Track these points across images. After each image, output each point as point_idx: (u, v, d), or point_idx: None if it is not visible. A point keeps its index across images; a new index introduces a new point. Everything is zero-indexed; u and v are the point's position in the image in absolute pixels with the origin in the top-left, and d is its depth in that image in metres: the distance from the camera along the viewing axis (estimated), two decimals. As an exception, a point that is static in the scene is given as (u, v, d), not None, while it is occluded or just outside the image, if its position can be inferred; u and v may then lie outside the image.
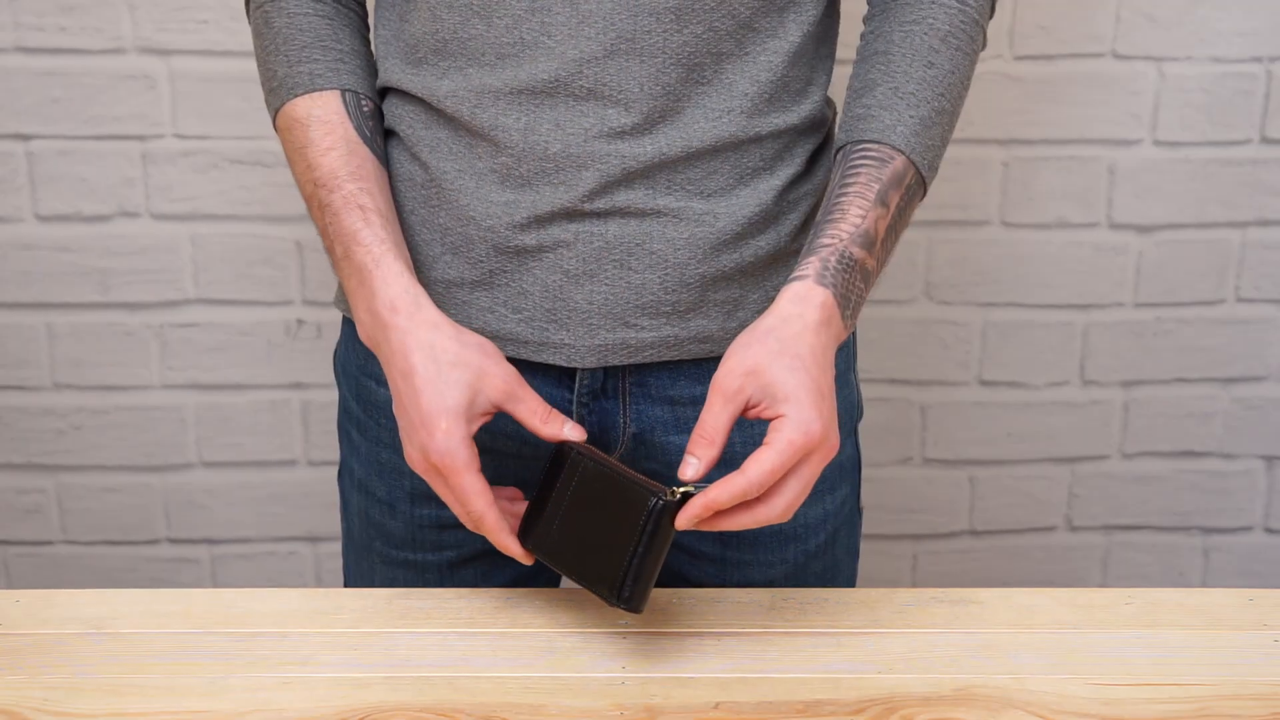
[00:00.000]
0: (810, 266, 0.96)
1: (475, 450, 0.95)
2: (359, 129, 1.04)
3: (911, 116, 1.00)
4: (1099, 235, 1.74)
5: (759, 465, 0.89)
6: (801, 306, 0.94)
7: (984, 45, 1.06)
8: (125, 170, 1.66)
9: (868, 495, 1.61)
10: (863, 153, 0.99)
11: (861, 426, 1.19)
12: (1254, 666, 0.94)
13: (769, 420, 0.91)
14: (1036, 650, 0.96)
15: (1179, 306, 1.78)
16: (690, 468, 0.91)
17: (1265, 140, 1.71)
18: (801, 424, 0.90)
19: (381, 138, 1.07)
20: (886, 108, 1.00)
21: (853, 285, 0.97)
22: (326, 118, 1.03)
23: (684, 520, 0.90)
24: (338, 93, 1.04)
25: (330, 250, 1.02)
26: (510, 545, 0.96)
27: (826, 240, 0.96)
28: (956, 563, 1.88)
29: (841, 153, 1.01)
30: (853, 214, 0.97)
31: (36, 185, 1.66)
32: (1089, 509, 1.86)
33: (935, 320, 1.77)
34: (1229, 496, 1.87)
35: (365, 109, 1.05)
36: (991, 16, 1.06)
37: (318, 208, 1.02)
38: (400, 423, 0.98)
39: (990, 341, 1.78)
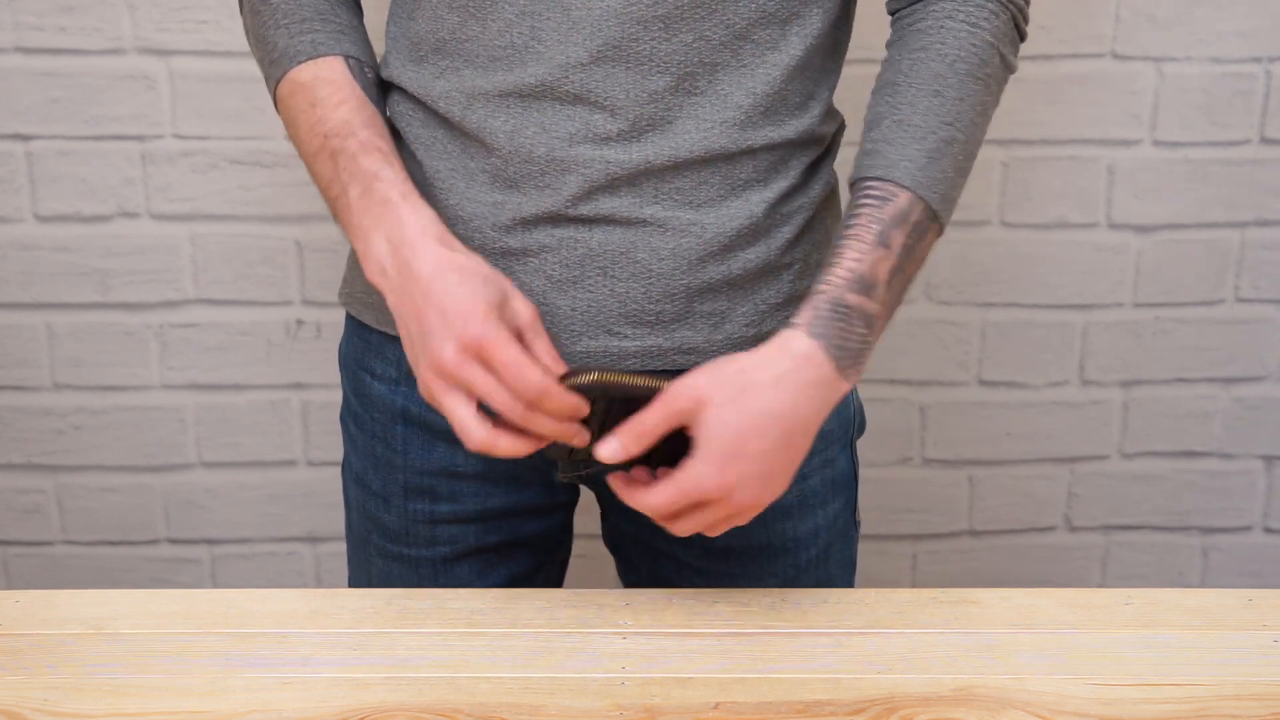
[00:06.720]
0: (803, 314, 0.94)
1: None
2: (365, 90, 1.03)
3: (917, 150, 0.96)
4: (1098, 235, 1.74)
5: (654, 496, 0.92)
6: (780, 355, 0.93)
7: (1011, 69, 1.02)
8: (125, 170, 1.66)
9: (867, 496, 1.61)
10: (866, 191, 0.97)
11: (860, 426, 1.19)
12: (1253, 667, 0.94)
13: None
14: (1036, 650, 0.96)
15: (1178, 306, 1.78)
16: (609, 449, 0.92)
17: (1265, 140, 1.71)
18: (695, 477, 0.91)
19: (383, 106, 1.07)
20: (890, 141, 0.97)
21: (850, 332, 0.94)
22: (333, 78, 1.02)
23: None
24: (341, 58, 1.04)
25: (339, 196, 1.00)
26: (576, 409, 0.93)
27: (821, 287, 0.95)
28: (956, 563, 1.88)
29: (852, 190, 0.99)
30: (848, 258, 0.95)
31: (36, 185, 1.66)
32: (1088, 509, 1.86)
33: (935, 320, 1.77)
34: (1228, 496, 1.87)
35: (368, 75, 1.05)
36: (1023, 39, 1.03)
37: (328, 156, 1.00)
38: (415, 338, 0.94)
39: (989, 341, 1.78)
